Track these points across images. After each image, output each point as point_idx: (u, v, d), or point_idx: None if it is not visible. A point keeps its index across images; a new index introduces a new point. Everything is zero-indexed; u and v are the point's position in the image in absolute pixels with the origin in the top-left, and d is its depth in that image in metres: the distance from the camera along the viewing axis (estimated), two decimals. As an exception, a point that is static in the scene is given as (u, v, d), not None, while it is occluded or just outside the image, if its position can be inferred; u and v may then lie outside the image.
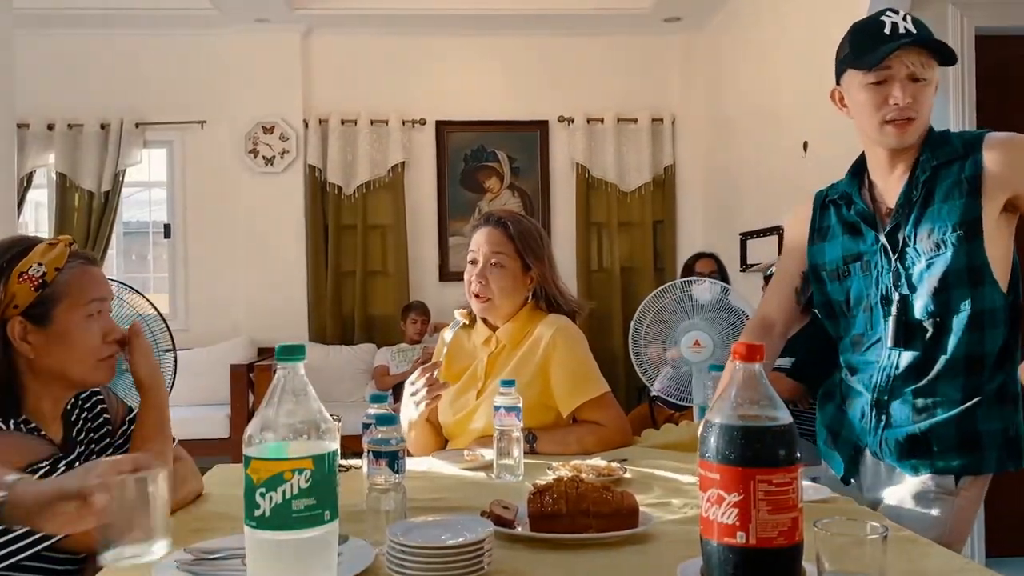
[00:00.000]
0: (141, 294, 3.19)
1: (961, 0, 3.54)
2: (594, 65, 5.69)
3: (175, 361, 3.29)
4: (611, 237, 5.65)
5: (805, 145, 4.13)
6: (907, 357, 1.56)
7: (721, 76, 5.35)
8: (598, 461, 1.70)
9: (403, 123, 5.57)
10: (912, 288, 1.56)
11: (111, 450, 1.45)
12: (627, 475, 1.65)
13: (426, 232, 5.66)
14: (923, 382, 1.55)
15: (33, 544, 1.18)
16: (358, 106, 5.55)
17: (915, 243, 1.55)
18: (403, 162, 5.55)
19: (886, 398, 1.59)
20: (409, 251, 5.56)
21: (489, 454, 1.75)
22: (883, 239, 1.59)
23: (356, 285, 5.53)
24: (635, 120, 5.66)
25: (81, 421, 1.43)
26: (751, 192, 4.90)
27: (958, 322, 1.52)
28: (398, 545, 1.08)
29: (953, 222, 1.51)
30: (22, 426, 1.28)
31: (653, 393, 3.47)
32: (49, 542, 1.18)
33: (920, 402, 1.55)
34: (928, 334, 1.54)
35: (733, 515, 0.85)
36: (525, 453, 1.75)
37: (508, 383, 1.72)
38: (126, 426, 1.47)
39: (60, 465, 1.22)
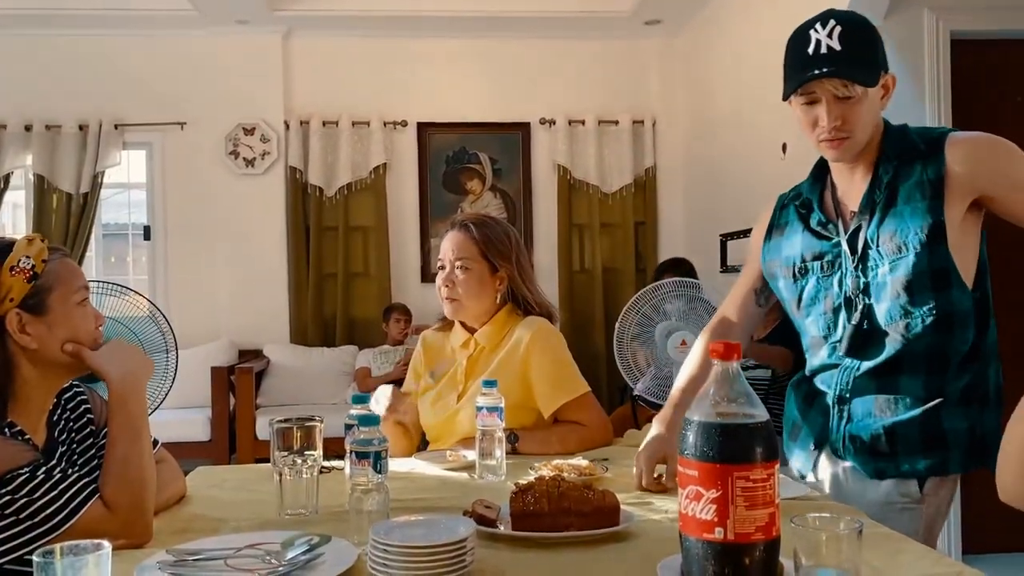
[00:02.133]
0: (144, 296, 3.21)
1: (937, 4, 3.59)
2: (575, 67, 5.72)
3: (176, 362, 3.29)
4: (593, 238, 5.67)
5: (784, 147, 4.17)
6: (869, 359, 1.54)
7: (701, 78, 5.39)
8: (580, 461, 1.71)
9: (384, 125, 5.56)
10: (874, 293, 1.53)
11: (93, 450, 1.45)
12: (608, 474, 1.66)
13: (408, 234, 5.66)
14: (886, 380, 1.53)
15: (18, 548, 1.18)
16: (339, 108, 5.54)
17: (878, 246, 1.52)
18: (385, 164, 5.55)
19: (848, 395, 1.57)
20: (391, 253, 5.55)
21: (471, 455, 1.76)
22: (844, 243, 1.57)
23: (338, 287, 5.52)
24: (616, 122, 5.68)
25: (63, 422, 1.43)
26: (731, 193, 4.94)
27: (923, 326, 1.49)
28: (381, 545, 1.09)
29: (916, 225, 1.48)
30: (6, 430, 1.28)
31: (635, 393, 3.50)
32: (35, 545, 1.18)
33: (883, 399, 1.53)
34: (891, 337, 1.51)
35: (711, 511, 0.87)
36: (507, 453, 1.76)
37: (490, 383, 1.73)
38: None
39: (39, 472, 1.22)
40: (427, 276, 5.60)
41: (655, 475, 1.58)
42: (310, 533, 1.22)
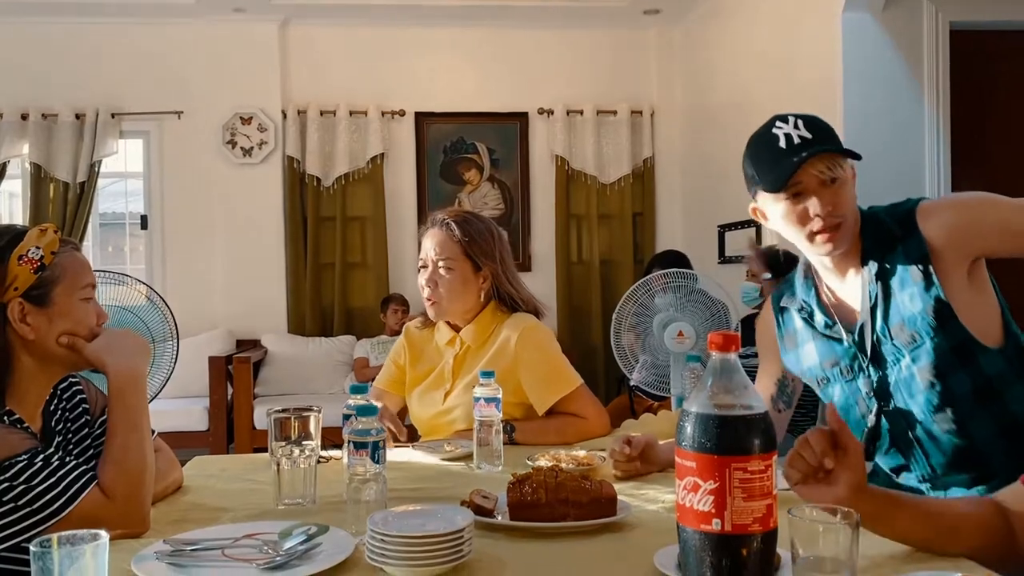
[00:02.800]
0: (147, 285, 3.23)
1: (936, -5, 3.59)
2: (574, 57, 5.70)
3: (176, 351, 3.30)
4: (590, 229, 5.66)
5: (783, 138, 4.17)
6: (940, 454, 1.47)
7: (699, 69, 5.38)
8: (578, 451, 1.71)
9: (382, 114, 5.54)
10: (904, 388, 1.47)
11: (89, 440, 1.45)
12: (606, 465, 1.66)
13: (405, 224, 5.64)
14: (973, 474, 1.47)
15: (16, 535, 1.18)
16: (337, 97, 5.52)
17: (891, 340, 1.47)
18: (382, 153, 5.53)
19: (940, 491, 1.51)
20: (388, 243, 5.55)
21: (469, 445, 1.76)
22: (853, 343, 1.51)
23: (335, 277, 5.51)
24: (614, 112, 5.67)
25: (59, 412, 1.43)
26: (729, 184, 4.92)
27: (968, 403, 1.42)
28: (379, 534, 1.09)
29: (920, 310, 1.42)
30: (5, 418, 1.28)
31: (632, 383, 3.50)
32: (33, 532, 1.18)
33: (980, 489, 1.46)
34: (941, 427, 1.45)
35: (709, 502, 0.87)
36: (504, 444, 1.76)
37: (488, 374, 1.73)
38: (105, 416, 1.47)
39: (38, 460, 1.22)
40: (425, 266, 5.58)
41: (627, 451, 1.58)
42: (308, 523, 1.22)
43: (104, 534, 0.95)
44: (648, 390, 3.32)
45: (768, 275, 3.71)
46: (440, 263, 2.02)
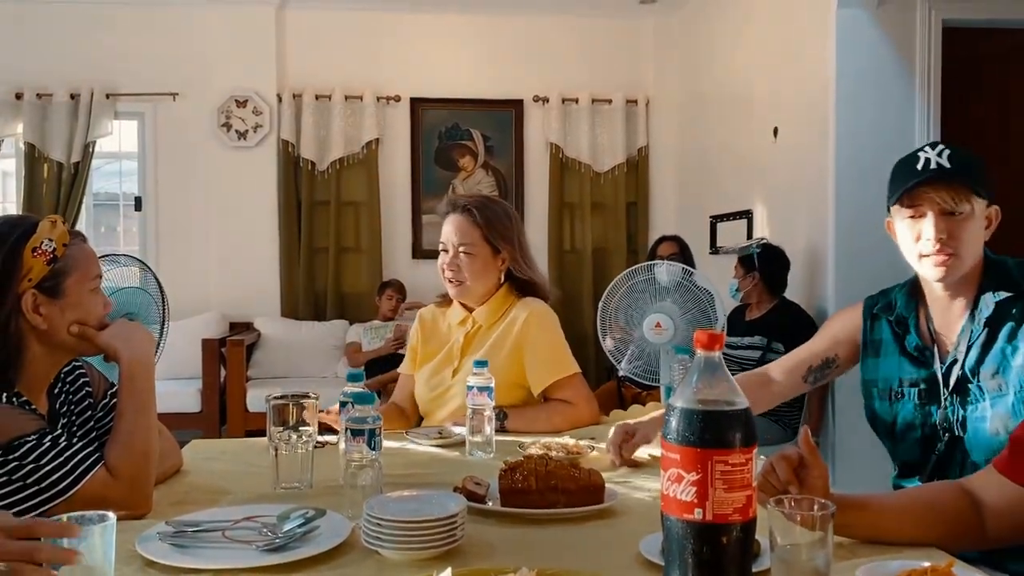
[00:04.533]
0: (144, 263, 3.24)
1: (929, -7, 3.62)
2: (570, 45, 5.71)
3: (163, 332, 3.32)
4: (584, 218, 5.70)
5: (775, 131, 4.21)
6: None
7: (694, 60, 5.41)
8: (567, 439, 1.76)
9: (377, 100, 5.55)
10: (971, 426, 1.51)
11: (92, 423, 1.48)
12: (594, 453, 1.71)
13: (400, 209, 5.67)
14: None
15: (23, 512, 1.22)
16: (332, 81, 5.53)
17: (978, 381, 1.51)
18: (377, 139, 5.55)
19: None
20: (382, 228, 5.57)
21: (462, 431, 1.80)
22: (939, 373, 1.55)
23: (329, 261, 5.54)
24: (609, 101, 5.69)
25: (64, 395, 1.47)
26: (722, 176, 4.97)
27: None
28: (374, 519, 1.13)
29: (1020, 365, 1.46)
30: (14, 399, 1.31)
31: (621, 374, 3.55)
32: (40, 510, 1.22)
33: None
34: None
35: (691, 493, 0.91)
36: (496, 431, 1.81)
37: (481, 363, 1.77)
38: (107, 399, 1.51)
39: (46, 440, 1.25)
40: (418, 252, 5.62)
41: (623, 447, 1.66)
42: (305, 506, 1.26)
43: (111, 515, 0.99)
44: (636, 379, 3.37)
45: (745, 272, 3.82)
46: (461, 247, 2.08)
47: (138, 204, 5.55)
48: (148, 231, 5.54)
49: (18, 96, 5.27)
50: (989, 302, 1.51)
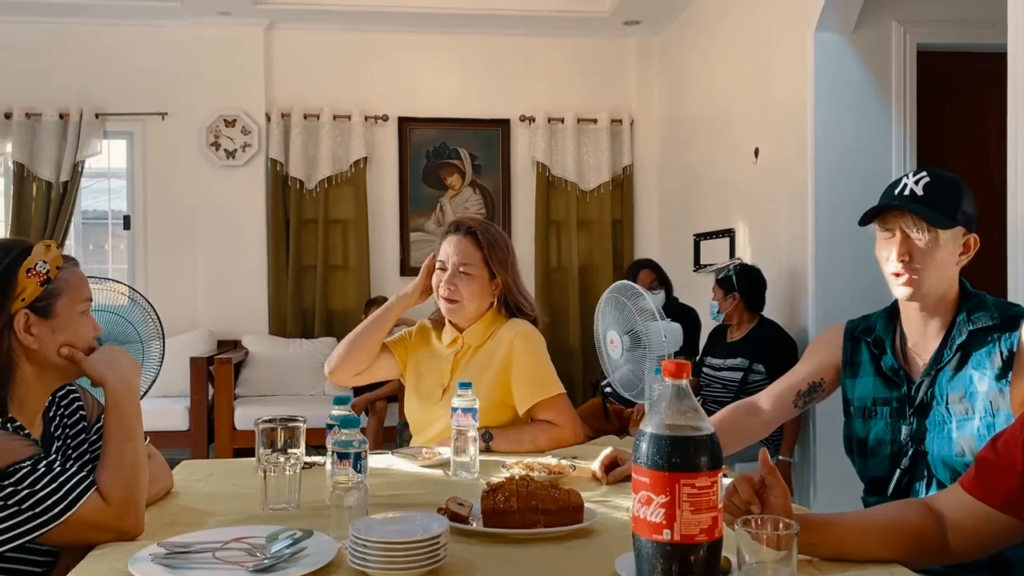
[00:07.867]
0: (135, 290, 3.28)
1: (904, 17, 3.71)
2: (555, 66, 5.79)
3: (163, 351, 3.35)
4: (570, 236, 5.76)
5: (756, 152, 4.28)
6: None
7: (678, 80, 5.49)
8: (549, 459, 1.80)
9: (365, 119, 5.61)
10: (937, 445, 1.56)
11: (86, 445, 1.52)
12: (575, 473, 1.76)
13: (387, 228, 5.71)
14: None
15: (18, 536, 1.25)
16: (320, 101, 5.58)
17: (946, 403, 1.57)
18: (365, 157, 5.60)
19: None
20: (370, 246, 5.61)
21: (447, 452, 1.85)
22: (909, 393, 1.61)
23: (317, 279, 5.57)
24: (595, 120, 5.77)
25: (58, 418, 1.50)
26: (705, 195, 5.04)
27: None
28: (360, 540, 1.17)
29: (983, 392, 1.53)
30: (8, 425, 1.35)
31: (607, 390, 3.60)
32: (35, 534, 1.25)
33: None
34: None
35: (660, 514, 0.96)
36: (481, 451, 1.85)
37: (465, 385, 1.82)
38: (101, 423, 1.54)
39: (40, 466, 1.29)
40: (406, 270, 5.66)
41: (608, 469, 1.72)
42: (293, 527, 1.30)
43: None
44: (621, 394, 3.42)
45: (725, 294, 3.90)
46: (461, 268, 2.13)
47: (127, 223, 5.58)
48: (136, 249, 5.56)
49: (7, 115, 5.30)
50: (963, 329, 1.57)
